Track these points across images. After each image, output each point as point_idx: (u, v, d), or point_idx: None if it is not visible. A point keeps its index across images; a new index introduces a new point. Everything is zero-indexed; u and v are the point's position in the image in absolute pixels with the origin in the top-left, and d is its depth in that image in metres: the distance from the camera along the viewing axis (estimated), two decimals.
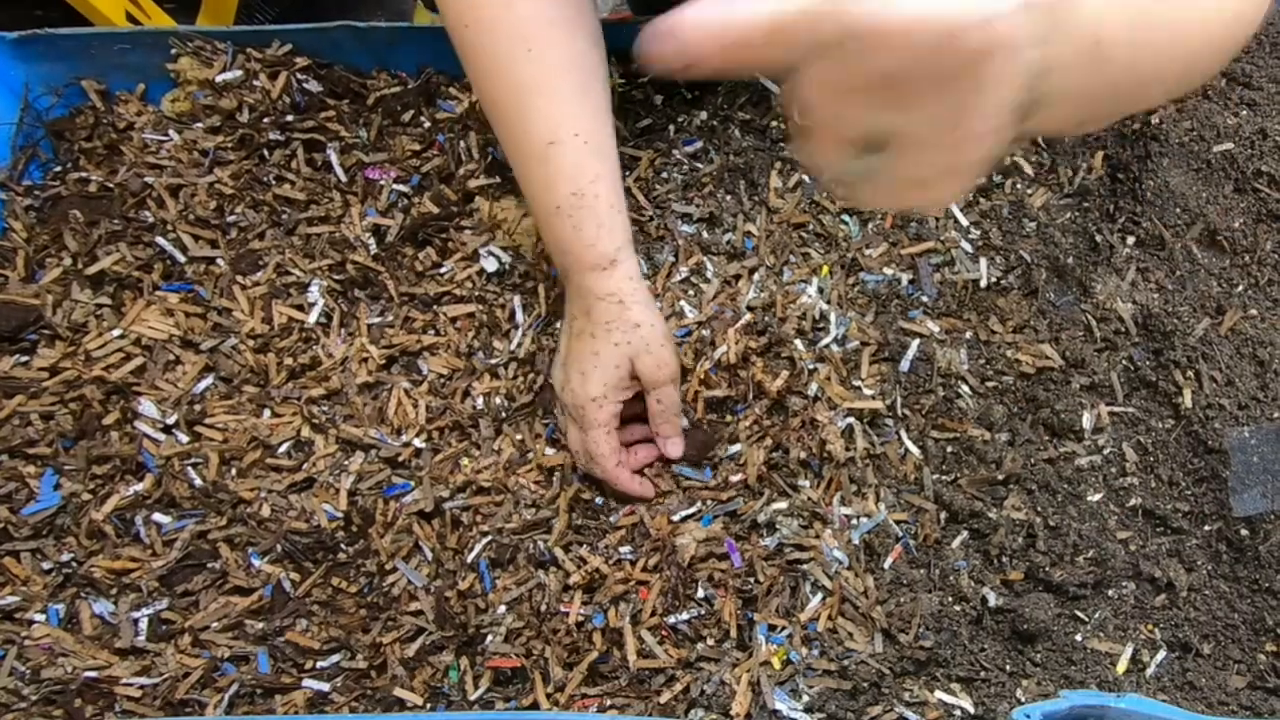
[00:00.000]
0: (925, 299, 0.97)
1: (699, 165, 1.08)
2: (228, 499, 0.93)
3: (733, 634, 0.86)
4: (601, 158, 0.91)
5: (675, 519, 0.91)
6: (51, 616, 0.89)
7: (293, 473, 0.95)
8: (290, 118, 1.12)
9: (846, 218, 1.02)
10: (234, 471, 0.95)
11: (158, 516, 0.93)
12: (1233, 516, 0.87)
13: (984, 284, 0.97)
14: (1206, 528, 0.88)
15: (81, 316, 1.01)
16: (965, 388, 0.93)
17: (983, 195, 1.02)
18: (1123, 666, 0.85)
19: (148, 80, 1.16)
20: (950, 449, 0.92)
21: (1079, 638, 0.86)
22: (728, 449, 0.94)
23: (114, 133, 1.13)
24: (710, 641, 0.86)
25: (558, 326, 1.02)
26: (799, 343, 0.96)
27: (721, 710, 0.83)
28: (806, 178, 1.01)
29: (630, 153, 1.09)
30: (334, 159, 1.10)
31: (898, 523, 0.89)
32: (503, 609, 0.88)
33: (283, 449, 0.96)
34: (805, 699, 0.82)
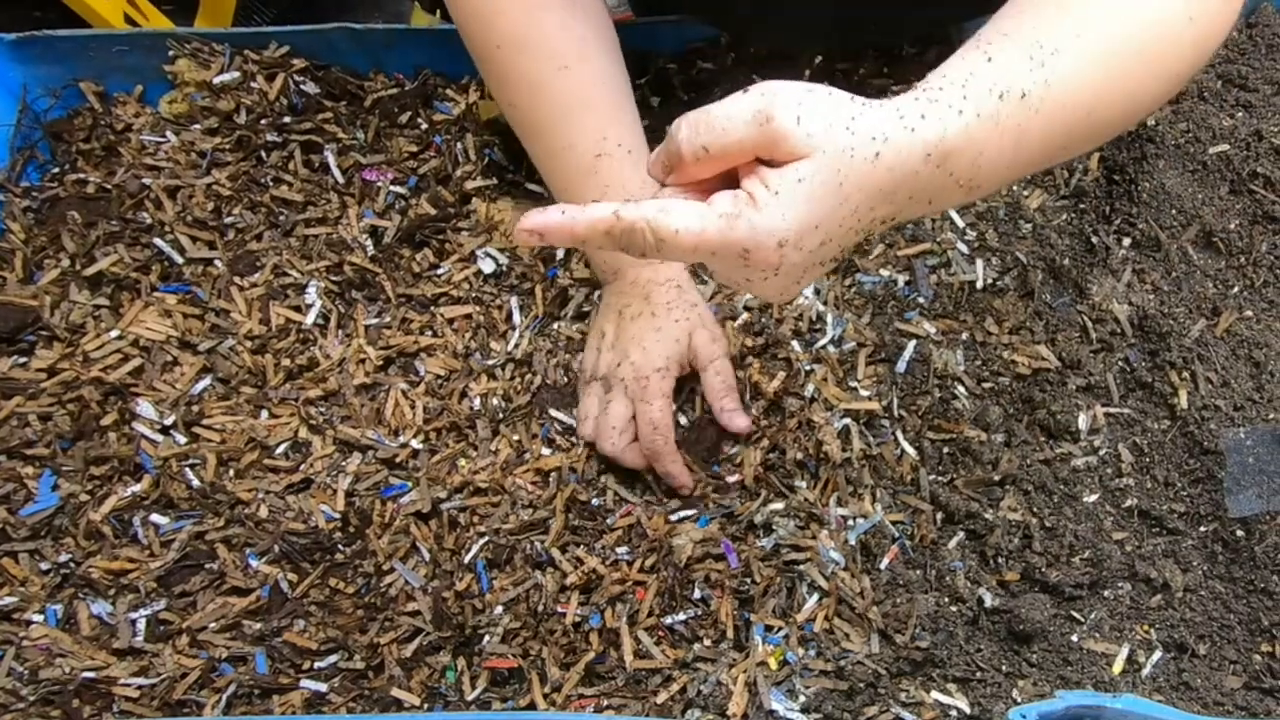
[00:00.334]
0: (922, 300, 0.97)
1: None
2: (225, 500, 0.93)
3: (729, 634, 0.86)
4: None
5: (672, 519, 0.92)
6: (49, 617, 0.89)
7: (290, 473, 0.95)
8: (287, 119, 1.12)
9: None
10: (231, 472, 0.95)
11: (155, 517, 0.93)
12: (1228, 517, 0.87)
13: (980, 285, 0.97)
14: (1202, 528, 0.88)
15: (79, 317, 1.02)
16: (961, 389, 0.93)
17: None
18: (1119, 667, 0.85)
19: (145, 82, 1.16)
20: (946, 450, 0.92)
21: (1075, 638, 0.86)
22: (725, 450, 0.95)
23: (112, 134, 1.13)
24: (707, 642, 0.86)
25: (556, 328, 1.02)
26: (795, 344, 0.96)
27: (718, 710, 0.83)
28: None
29: None
30: (331, 160, 1.10)
31: (894, 523, 0.89)
32: (500, 609, 0.88)
33: (280, 450, 0.97)
34: (802, 699, 0.82)
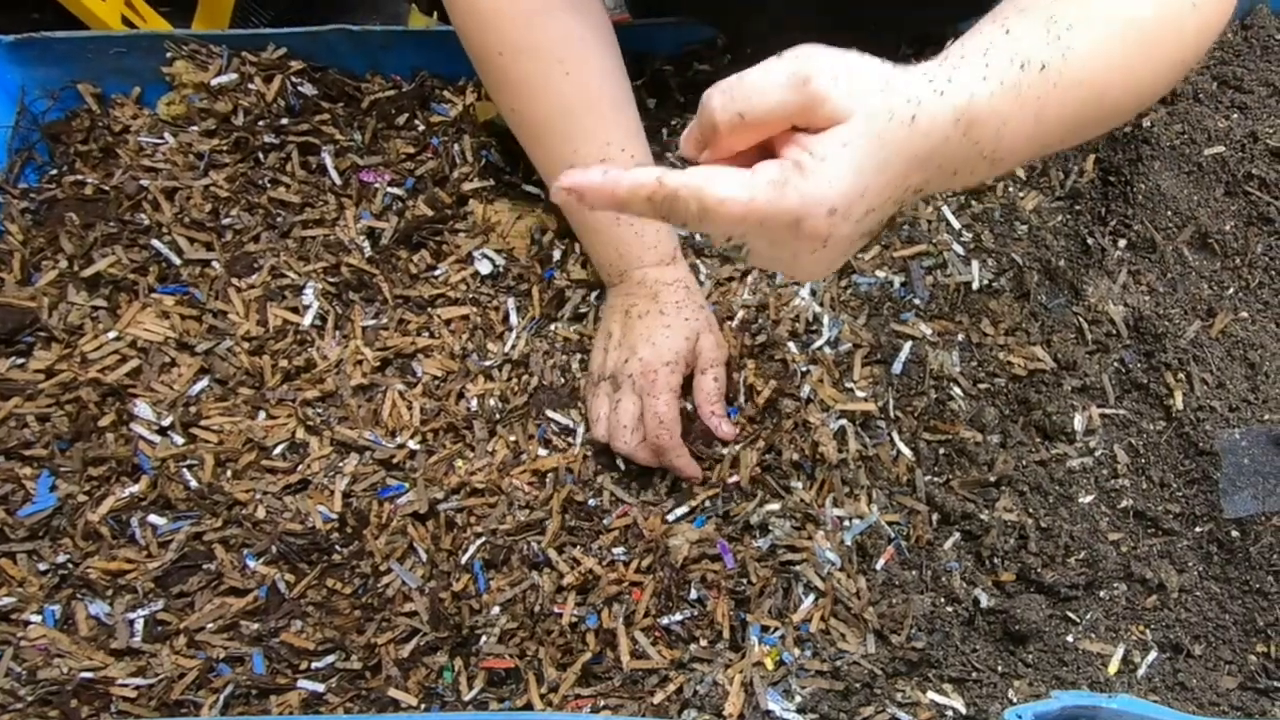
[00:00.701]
0: (917, 301, 0.97)
1: None
2: (223, 500, 0.94)
3: (725, 635, 0.87)
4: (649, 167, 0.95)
5: (669, 520, 0.92)
6: (47, 617, 0.89)
7: (288, 474, 0.95)
8: (285, 121, 1.12)
9: None
10: (229, 473, 0.95)
11: (153, 518, 0.93)
12: (1223, 518, 0.87)
13: (976, 286, 0.97)
14: (1197, 529, 0.89)
15: (77, 319, 1.02)
16: (957, 390, 0.93)
17: (975, 198, 1.03)
18: (1114, 667, 0.85)
19: (143, 83, 1.16)
20: (942, 451, 0.92)
21: (1070, 639, 0.86)
22: (721, 450, 0.95)
23: (109, 136, 1.13)
24: (703, 642, 0.87)
25: (553, 329, 1.02)
26: (792, 345, 0.96)
27: (714, 711, 0.83)
28: None
29: None
30: (328, 162, 1.10)
31: (890, 524, 0.90)
32: (497, 610, 0.88)
33: (278, 451, 0.97)
34: (798, 700, 0.83)
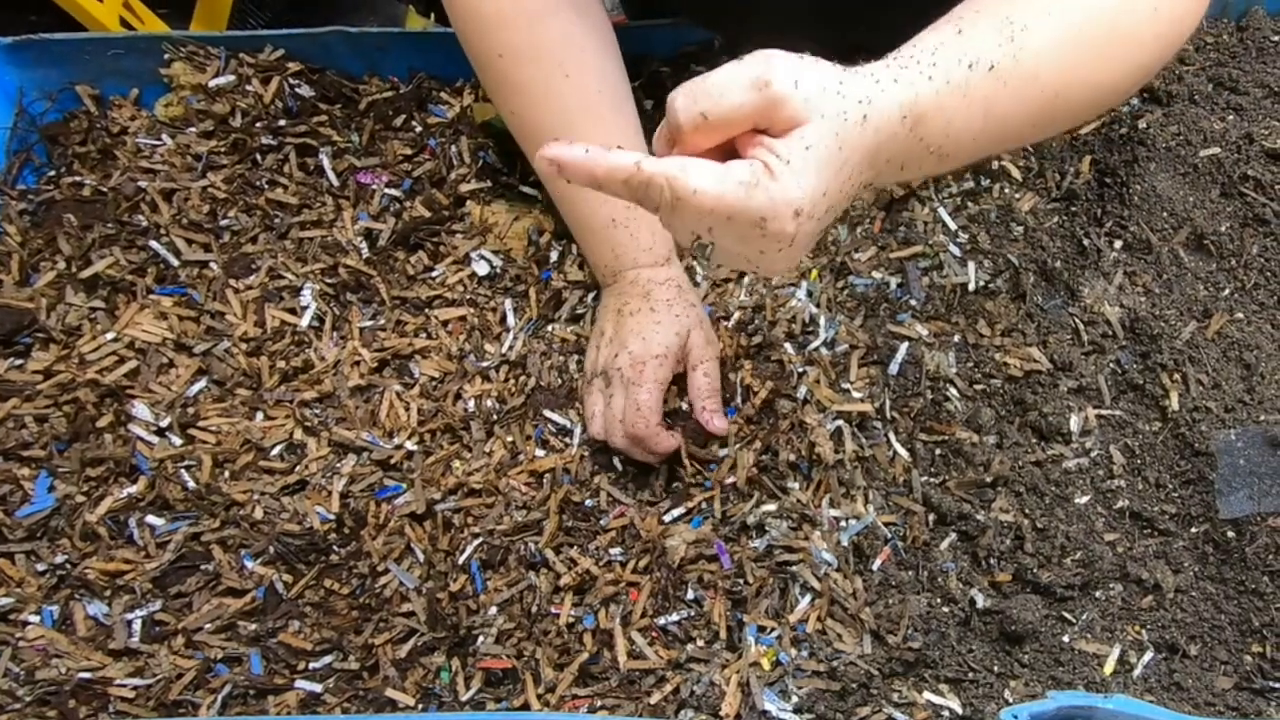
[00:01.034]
0: (914, 302, 0.98)
1: None
2: (221, 501, 0.94)
3: (722, 635, 0.87)
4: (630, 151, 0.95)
5: (665, 520, 0.92)
6: (46, 618, 0.89)
7: (285, 475, 0.95)
8: (283, 122, 1.12)
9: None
10: (227, 474, 0.96)
11: (151, 518, 0.93)
12: (1219, 519, 0.87)
13: (972, 287, 0.98)
14: (1193, 530, 0.89)
15: (75, 320, 1.02)
16: (953, 391, 0.94)
17: (971, 199, 1.03)
18: (1110, 667, 0.85)
19: (141, 85, 1.17)
20: (938, 451, 0.92)
21: (1066, 639, 0.86)
22: (718, 451, 0.95)
23: (108, 137, 1.14)
24: (700, 643, 0.87)
25: (550, 330, 1.02)
26: (788, 346, 0.96)
27: (711, 711, 0.83)
28: None
29: None
30: (326, 163, 1.11)
31: (886, 525, 0.90)
32: (494, 610, 0.89)
33: (275, 451, 0.97)
34: (794, 700, 0.83)
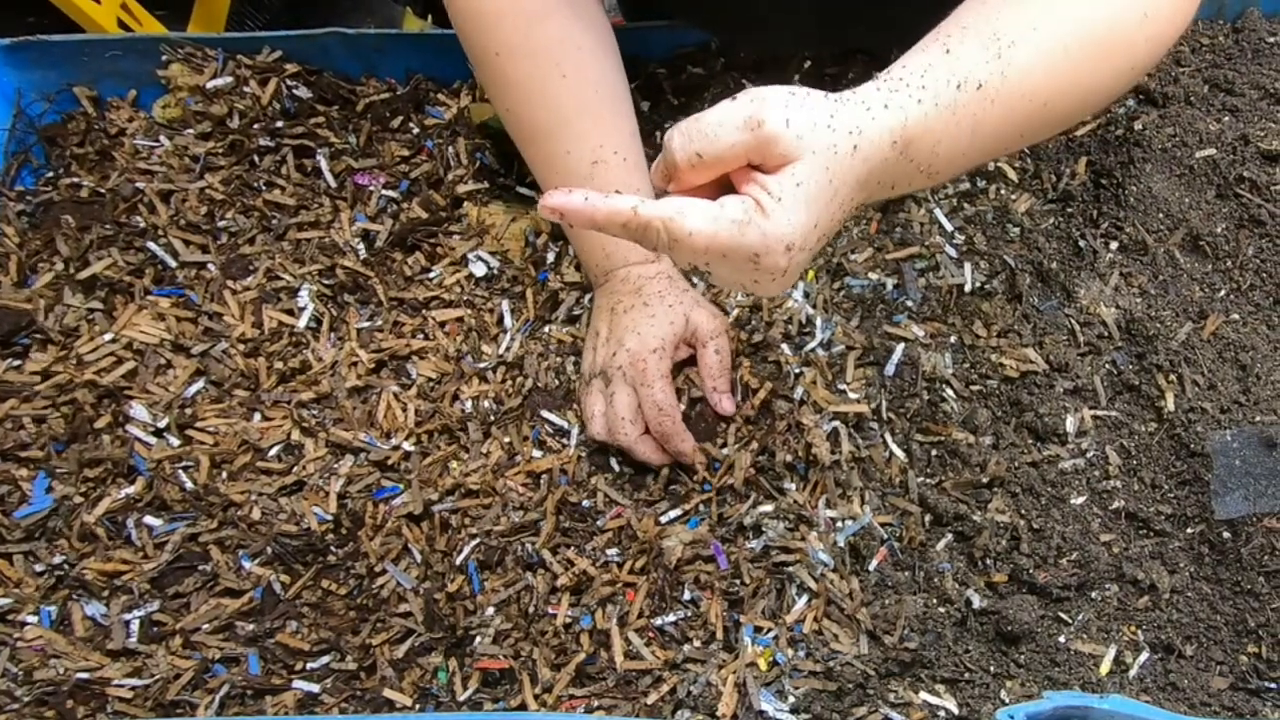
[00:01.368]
0: (910, 303, 0.98)
1: None
2: (218, 502, 0.94)
3: (719, 635, 0.87)
4: (641, 172, 0.96)
5: (662, 521, 0.92)
6: (43, 618, 0.89)
7: (283, 476, 0.96)
8: (280, 124, 1.12)
9: None
10: (224, 474, 0.96)
11: (149, 519, 0.93)
12: (1215, 519, 0.87)
13: (968, 288, 0.98)
14: (1189, 530, 0.89)
15: (73, 321, 1.02)
16: (950, 391, 0.94)
17: (967, 201, 1.03)
18: (1106, 668, 0.85)
19: (139, 86, 1.17)
20: (935, 452, 0.92)
21: (1062, 639, 0.86)
22: (722, 450, 0.95)
23: (105, 139, 1.14)
24: (696, 643, 0.87)
25: (547, 331, 1.03)
26: (785, 346, 0.96)
27: (708, 711, 0.83)
28: None
29: None
30: (323, 165, 1.11)
31: (883, 525, 0.90)
32: (491, 611, 0.89)
33: (273, 452, 0.97)
34: (791, 700, 0.83)
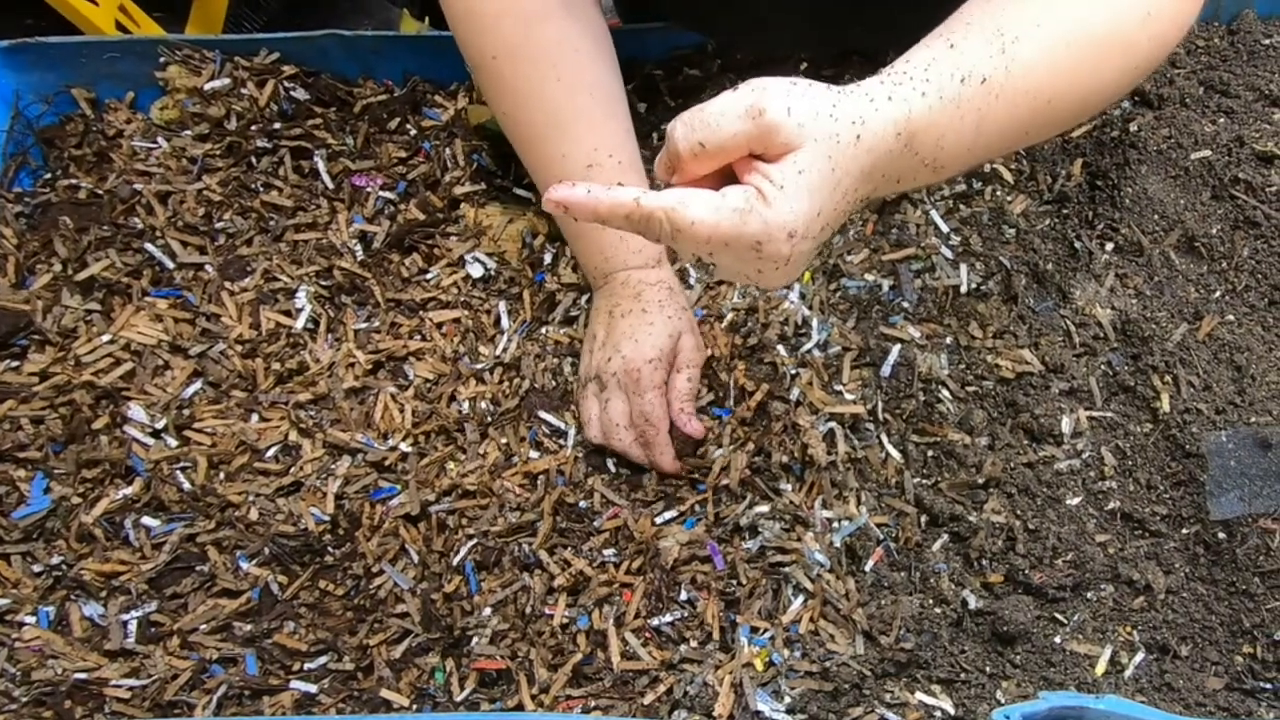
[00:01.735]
0: (906, 304, 0.98)
1: None
2: (216, 502, 0.94)
3: (715, 636, 0.87)
4: (636, 174, 0.96)
5: (659, 522, 0.92)
6: (41, 619, 0.89)
7: (280, 476, 0.96)
8: (278, 125, 1.13)
9: None
10: (222, 475, 0.96)
11: (147, 520, 0.93)
12: (1210, 520, 0.88)
13: (964, 290, 0.98)
14: (1184, 531, 0.89)
15: (71, 322, 1.02)
16: (945, 392, 0.94)
17: (963, 202, 1.04)
18: (1101, 668, 0.85)
19: (137, 88, 1.17)
20: (931, 453, 0.93)
21: (1058, 640, 0.86)
22: (711, 453, 0.95)
23: (103, 140, 1.14)
24: (693, 643, 0.87)
25: (544, 332, 1.03)
26: (781, 348, 0.97)
27: (704, 711, 0.83)
28: None
29: None
30: (321, 166, 1.11)
31: (879, 526, 0.90)
32: (488, 611, 0.89)
33: (270, 453, 0.97)
34: (787, 700, 0.83)
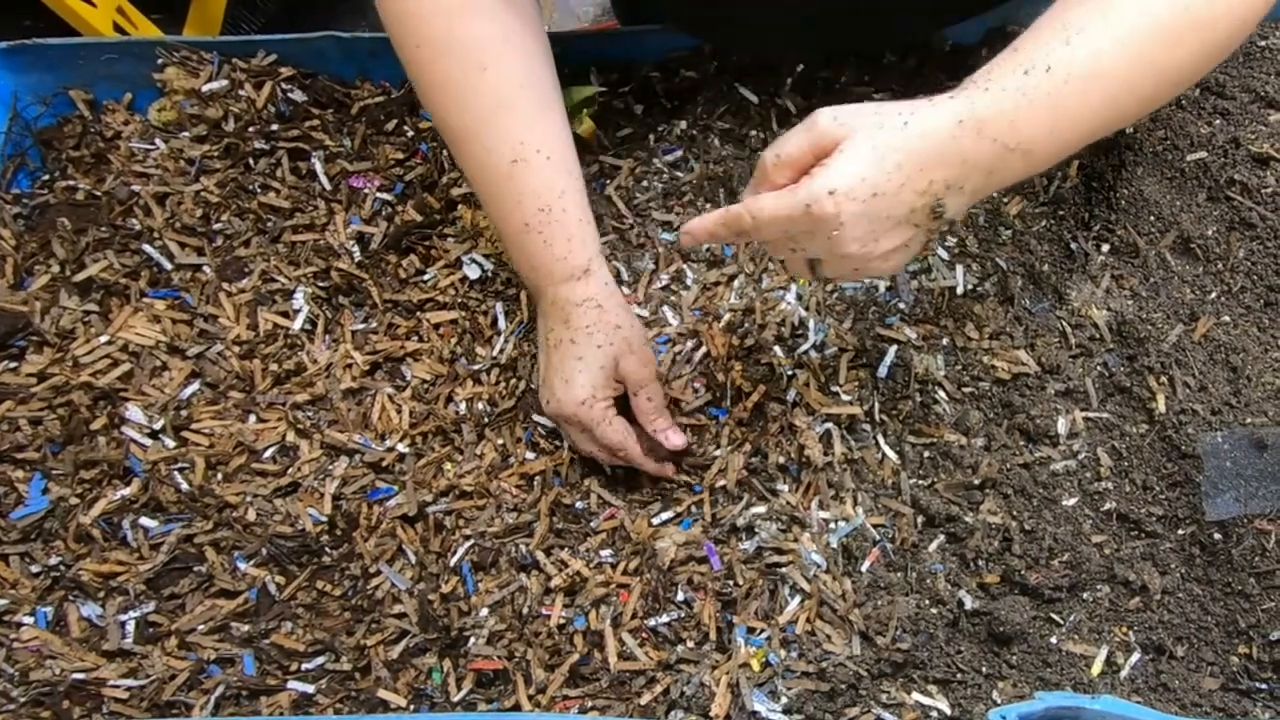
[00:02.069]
0: (903, 306, 0.98)
1: (679, 174, 1.09)
2: (214, 503, 0.94)
3: (712, 636, 0.87)
4: (566, 172, 0.91)
5: (655, 523, 0.92)
6: (40, 619, 0.90)
7: (278, 477, 0.96)
8: (275, 127, 1.13)
9: None
10: (220, 476, 0.96)
11: (145, 520, 0.94)
12: (1205, 520, 0.88)
13: (960, 291, 0.98)
14: (1180, 531, 0.89)
15: (69, 323, 1.02)
16: (942, 393, 0.94)
17: None
18: (1097, 668, 0.85)
19: (135, 90, 1.17)
20: (927, 454, 0.93)
21: (1054, 640, 0.86)
22: (708, 453, 0.95)
23: (101, 142, 1.14)
24: (690, 644, 0.87)
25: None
26: (778, 349, 0.97)
27: (701, 712, 0.83)
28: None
29: (611, 161, 1.10)
30: (318, 167, 1.11)
31: (875, 526, 0.90)
32: (485, 611, 0.89)
33: (268, 454, 0.97)
34: (784, 700, 0.83)
